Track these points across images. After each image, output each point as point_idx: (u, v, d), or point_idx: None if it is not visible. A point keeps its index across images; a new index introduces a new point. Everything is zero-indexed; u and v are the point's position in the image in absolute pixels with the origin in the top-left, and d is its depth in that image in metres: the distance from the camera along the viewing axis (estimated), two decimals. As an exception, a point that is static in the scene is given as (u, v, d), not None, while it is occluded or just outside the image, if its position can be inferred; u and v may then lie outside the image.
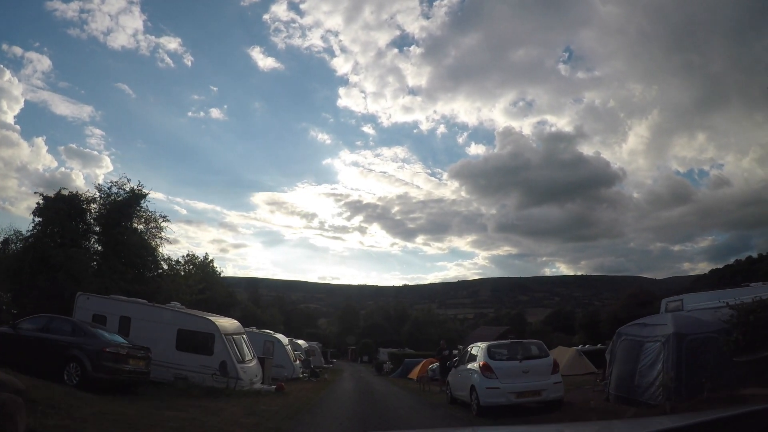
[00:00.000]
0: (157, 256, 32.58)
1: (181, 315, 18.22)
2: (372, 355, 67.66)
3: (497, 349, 13.11)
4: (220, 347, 17.21)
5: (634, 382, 11.68)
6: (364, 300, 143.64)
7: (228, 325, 18.57)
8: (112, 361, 13.67)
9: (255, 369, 18.46)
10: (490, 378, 12.27)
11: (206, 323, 17.68)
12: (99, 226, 30.80)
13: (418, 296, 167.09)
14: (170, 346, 17.65)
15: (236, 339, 18.34)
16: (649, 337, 11.79)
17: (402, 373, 35.64)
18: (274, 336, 28.36)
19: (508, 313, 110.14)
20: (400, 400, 17.17)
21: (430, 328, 77.27)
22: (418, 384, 21.94)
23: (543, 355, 13.12)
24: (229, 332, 18.06)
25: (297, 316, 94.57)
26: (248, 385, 17.14)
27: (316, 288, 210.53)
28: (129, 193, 31.21)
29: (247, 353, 18.69)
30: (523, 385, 12.22)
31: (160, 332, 17.83)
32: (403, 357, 39.11)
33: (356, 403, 15.89)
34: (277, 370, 26.88)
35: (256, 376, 18.24)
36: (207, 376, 16.96)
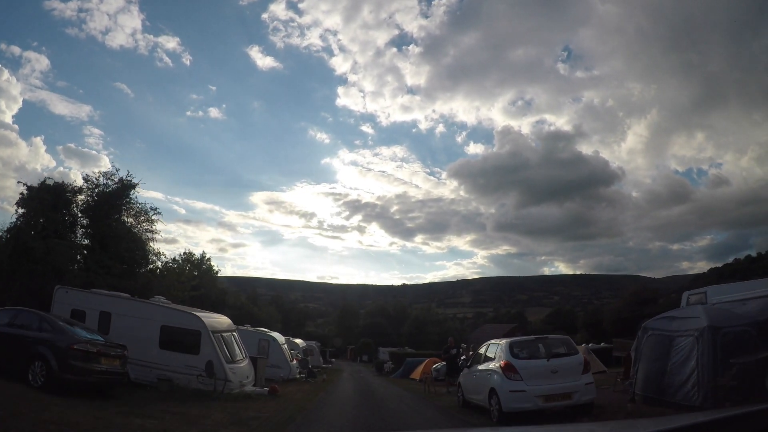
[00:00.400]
0: (148, 251, 30.82)
1: (164, 310, 16.47)
2: (372, 354, 65.93)
3: (520, 347, 11.37)
4: (207, 346, 15.46)
5: (665, 380, 10.54)
6: (363, 299, 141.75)
7: (216, 321, 16.83)
8: (82, 359, 11.98)
9: (246, 370, 16.71)
10: (513, 379, 10.55)
11: (192, 319, 15.94)
12: (86, 218, 29.06)
13: (417, 295, 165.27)
14: (153, 344, 15.96)
15: (226, 337, 16.60)
16: (680, 331, 10.59)
17: (403, 373, 33.89)
18: (269, 334, 26.61)
19: (508, 311, 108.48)
20: (404, 404, 15.42)
21: (430, 327, 75.64)
22: (422, 385, 20.17)
23: (572, 353, 11.40)
24: (218, 329, 16.31)
25: (295, 315, 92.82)
26: (238, 387, 15.40)
27: (315, 287, 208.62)
28: (118, 184, 29.47)
29: (237, 353, 16.96)
30: (552, 386, 10.51)
31: (142, 329, 16.17)
32: (405, 356, 37.36)
33: (357, 408, 14.15)
34: (272, 371, 25.15)
35: (248, 377, 16.50)
36: (193, 378, 15.24)
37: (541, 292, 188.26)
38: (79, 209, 29.09)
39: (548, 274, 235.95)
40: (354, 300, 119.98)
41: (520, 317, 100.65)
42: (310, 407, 13.57)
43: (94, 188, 29.31)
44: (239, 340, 17.85)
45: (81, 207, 29.09)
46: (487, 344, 13.14)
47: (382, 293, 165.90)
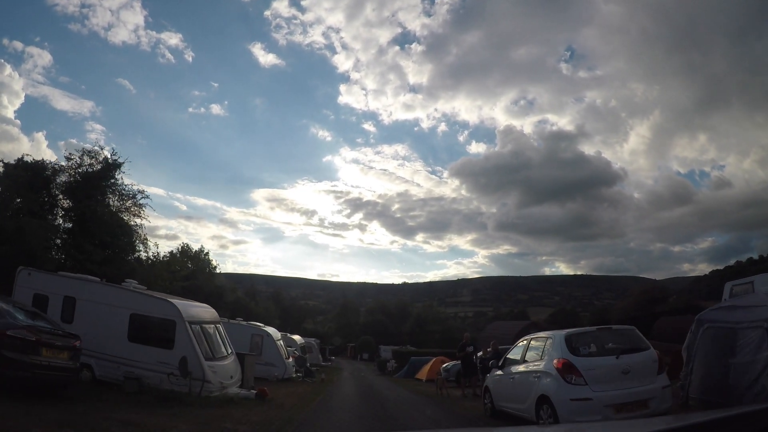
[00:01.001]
0: (134, 237, 28.11)
1: (135, 296, 13.73)
2: (372, 352, 63.20)
3: (581, 340, 8.63)
4: (183, 338, 12.75)
5: (728, 381, 8.60)
6: (363, 297, 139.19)
7: (196, 311, 14.09)
8: (17, 350, 9.32)
9: (230, 368, 13.97)
10: (575, 384, 7.85)
11: (165, 307, 13.21)
12: (67, 200, 26.36)
13: (418, 294, 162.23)
14: (121, 335, 13.30)
15: (207, 329, 13.88)
16: (746, 322, 8.68)
17: (408, 373, 31.17)
18: (263, 329, 23.88)
19: (510, 311, 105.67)
20: (418, 411, 12.67)
21: (432, 326, 72.90)
22: (434, 387, 17.40)
23: (643, 347, 8.70)
24: (197, 320, 13.59)
25: (295, 311, 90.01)
26: (219, 389, 12.68)
27: (316, 285, 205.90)
28: (102, 163, 26.78)
29: (221, 348, 14.25)
30: (624, 392, 7.83)
31: (109, 317, 13.53)
32: (409, 355, 34.60)
33: (361, 418, 11.40)
34: (266, 369, 22.43)
35: (232, 377, 13.76)
36: (165, 376, 12.53)
37: (542, 292, 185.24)
38: (59, 190, 26.43)
39: (549, 275, 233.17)
40: (354, 298, 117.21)
41: (523, 316, 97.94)
42: (303, 416, 10.82)
43: (77, 167, 26.65)
44: (225, 333, 15.13)
45: (62, 187, 26.42)
46: (526, 339, 10.41)
47: (382, 291, 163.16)
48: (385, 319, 75.29)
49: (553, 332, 9.37)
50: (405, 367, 32.45)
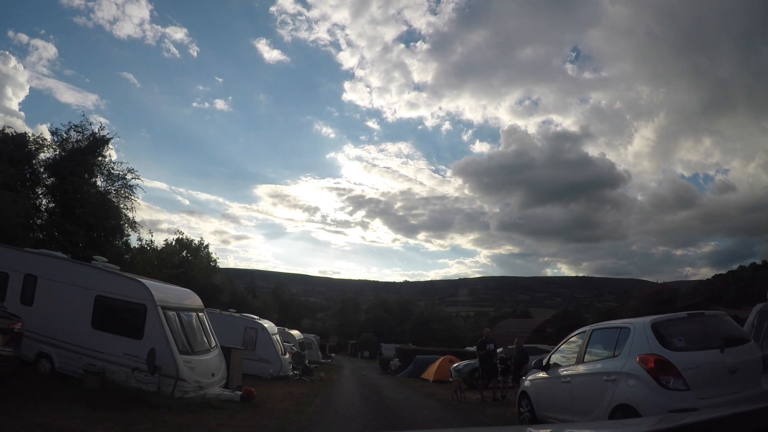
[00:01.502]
0: (122, 220, 25.85)
1: (101, 275, 11.45)
2: (373, 350, 60.83)
3: (674, 330, 6.32)
4: (154, 327, 10.47)
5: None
6: (364, 295, 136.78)
7: (173, 295, 11.80)
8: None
9: (212, 364, 11.67)
10: (673, 389, 5.56)
11: (135, 288, 10.93)
12: (50, 177, 24.13)
13: (419, 293, 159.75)
14: (84, 320, 11.10)
15: (186, 318, 11.59)
16: None
17: (413, 373, 28.82)
18: (257, 322, 21.57)
19: (513, 311, 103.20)
20: (438, 420, 10.33)
21: (435, 324, 70.52)
22: (452, 391, 15.05)
23: (744, 338, 6.46)
24: (174, 306, 11.30)
25: (295, 307, 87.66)
26: (195, 389, 10.39)
27: (317, 282, 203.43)
28: (89, 139, 24.56)
29: (202, 340, 11.96)
30: (734, 397, 5.54)
31: (72, 299, 11.37)
32: (413, 353, 32.21)
33: (370, 429, 9.01)
34: (260, 366, 20.19)
35: (213, 375, 11.44)
36: (131, 371, 10.27)
37: (543, 293, 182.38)
38: (42, 166, 24.19)
39: (550, 276, 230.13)
40: (355, 295, 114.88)
41: (526, 316, 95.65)
42: (296, 427, 8.47)
43: (62, 142, 24.44)
44: (209, 324, 12.81)
45: (45, 163, 24.19)
46: (587, 330, 8.04)
47: (383, 289, 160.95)
48: (387, 316, 72.88)
49: (629, 320, 7.07)
50: (410, 366, 30.11)
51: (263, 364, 20.55)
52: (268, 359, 20.65)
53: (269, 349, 20.78)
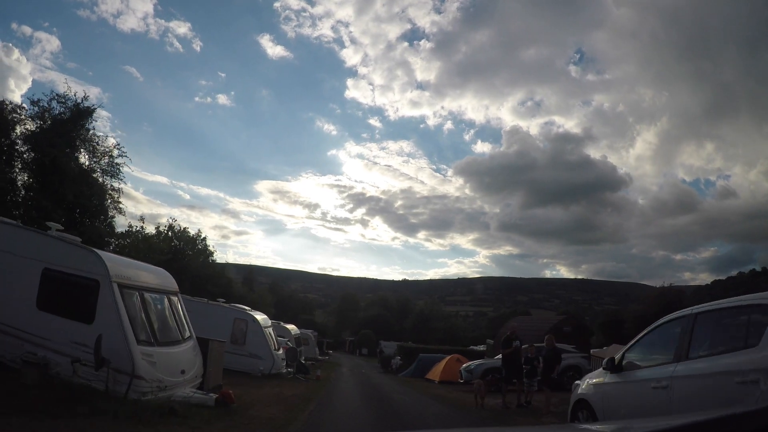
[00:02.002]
0: (106, 199, 23.60)
1: (51, 244, 9.10)
2: (372, 347, 58.57)
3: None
4: (107, 309, 8.15)
5: None
6: (363, 292, 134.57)
7: (136, 272, 9.46)
8: None
9: (183, 358, 9.37)
10: None
11: (87, 259, 8.65)
12: (29, 150, 21.84)
13: (418, 291, 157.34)
14: (29, 299, 8.84)
15: (151, 300, 9.29)
16: None
17: (416, 372, 26.56)
18: (248, 313, 19.26)
19: (514, 311, 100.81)
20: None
21: (436, 323, 68.25)
22: (474, 396, 12.74)
23: None
24: (136, 284, 9.00)
25: (294, 303, 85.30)
26: (156, 389, 8.09)
27: (316, 278, 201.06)
28: (72, 109, 22.30)
29: (173, 329, 9.67)
30: None
31: (16, 273, 9.02)
32: (416, 351, 29.88)
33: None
34: (250, 362, 17.95)
35: (184, 371, 9.14)
36: (76, 363, 8.01)
37: (542, 294, 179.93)
38: (20, 137, 21.89)
39: (549, 277, 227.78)
40: (354, 292, 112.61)
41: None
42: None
43: (43, 113, 22.17)
44: (183, 310, 10.51)
45: (23, 135, 21.89)
46: (687, 314, 5.67)
47: (382, 287, 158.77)
48: (386, 314, 70.55)
49: (754, 296, 4.85)
50: (412, 366, 27.83)
51: (253, 360, 18.29)
52: (259, 355, 18.38)
53: (261, 343, 18.50)
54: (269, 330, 20.01)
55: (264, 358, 18.36)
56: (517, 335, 13.42)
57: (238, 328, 18.80)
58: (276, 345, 19.46)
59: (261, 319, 19.35)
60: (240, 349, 18.49)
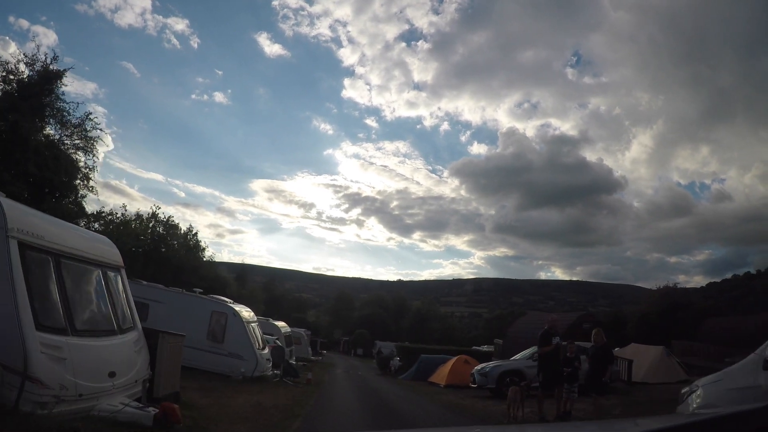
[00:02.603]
0: (77, 177, 20.86)
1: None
2: (368, 347, 55.86)
3: None
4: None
5: None
6: (357, 292, 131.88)
7: (57, 230, 6.63)
8: None
9: (116, 356, 6.58)
10: None
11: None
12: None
13: (412, 292, 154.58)
14: None
15: (72, 270, 6.50)
16: None
17: (418, 375, 23.89)
18: (228, 305, 16.49)
19: (512, 312, 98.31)
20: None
21: (432, 323, 65.74)
22: (508, 406, 10.01)
23: None
24: (54, 247, 6.20)
25: (287, 302, 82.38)
26: (66, 399, 5.30)
27: (310, 278, 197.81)
28: (38, 72, 19.61)
29: (101, 313, 6.88)
30: None
31: None
32: (417, 352, 27.19)
33: None
34: (229, 363, 15.31)
35: (114, 374, 6.34)
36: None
37: (537, 296, 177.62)
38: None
39: (544, 279, 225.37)
40: (349, 292, 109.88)
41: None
42: None
43: (7, 74, 19.45)
44: (125, 291, 7.73)
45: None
46: None
47: (376, 288, 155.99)
48: (383, 313, 67.85)
49: None
50: (413, 367, 25.13)
51: (234, 360, 15.56)
52: (241, 354, 15.64)
53: (242, 341, 15.76)
54: (254, 326, 17.27)
55: (246, 358, 15.62)
56: (557, 330, 10.79)
57: (217, 322, 16.07)
58: (261, 343, 16.72)
59: (244, 314, 16.60)
60: (218, 347, 15.77)
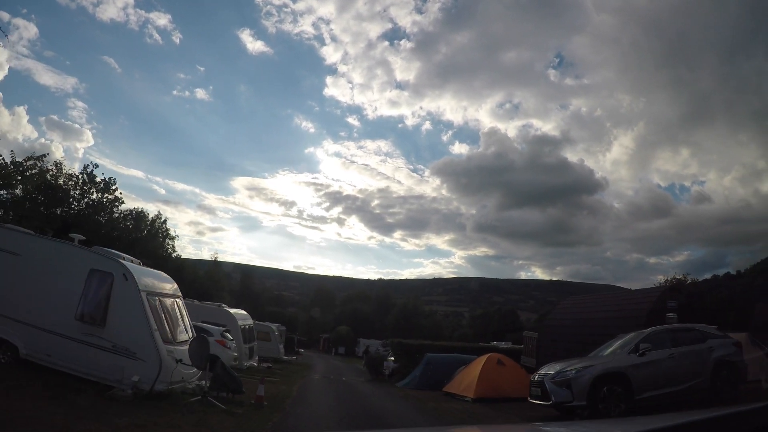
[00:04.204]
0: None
1: None
2: (350, 346, 48.40)
3: None
4: None
5: None
6: (338, 291, 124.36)
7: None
8: None
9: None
10: None
11: None
12: None
13: (393, 291, 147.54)
14: None
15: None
16: None
17: (426, 381, 16.69)
18: (119, 262, 8.85)
19: (498, 309, 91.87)
20: None
21: (419, 320, 58.53)
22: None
23: None
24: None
25: (267, 300, 74.15)
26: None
27: (291, 276, 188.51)
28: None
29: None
30: None
31: None
32: (420, 350, 19.75)
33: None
34: (111, 364, 7.61)
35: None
36: None
37: (517, 295, 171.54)
38: None
39: (524, 278, 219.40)
40: (330, 291, 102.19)
41: (513, 315, 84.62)
42: None
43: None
44: None
45: None
46: None
47: (357, 286, 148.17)
48: (366, 308, 60.28)
49: None
50: (417, 371, 17.79)
51: (119, 359, 8.08)
52: (133, 350, 8.13)
53: (137, 325, 8.25)
54: (175, 304, 9.77)
55: (142, 356, 8.12)
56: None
57: (96, 290, 8.56)
58: (172, 334, 9.12)
59: (148, 280, 9.06)
60: (94, 333, 8.30)
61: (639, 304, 14.58)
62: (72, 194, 23.21)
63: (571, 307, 18.20)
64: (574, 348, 15.04)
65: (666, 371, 9.62)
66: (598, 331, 15.23)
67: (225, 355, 14.45)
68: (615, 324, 14.49)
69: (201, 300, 21.13)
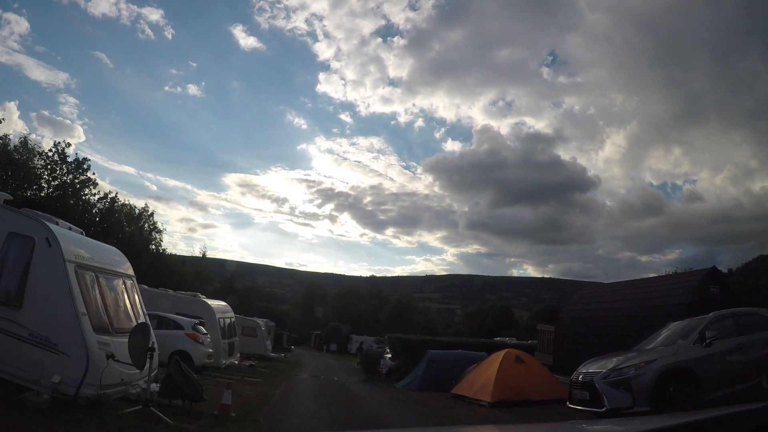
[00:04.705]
0: None
1: None
2: (342, 342, 46.19)
3: None
4: None
5: None
6: (330, 288, 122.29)
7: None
8: None
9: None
10: None
11: None
12: None
13: (385, 288, 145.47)
14: None
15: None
16: None
17: (429, 382, 14.60)
18: (43, 224, 6.63)
19: (493, 305, 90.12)
20: None
21: (414, 315, 56.54)
22: None
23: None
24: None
25: (257, 294, 71.72)
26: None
27: (283, 273, 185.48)
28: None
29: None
30: None
31: None
32: (421, 346, 17.68)
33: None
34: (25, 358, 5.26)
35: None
36: None
37: (510, 293, 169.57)
38: None
39: (517, 276, 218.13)
40: (322, 288, 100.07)
41: (507, 312, 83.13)
42: None
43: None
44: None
45: None
46: None
47: (349, 283, 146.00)
48: (359, 304, 58.06)
49: None
50: (419, 369, 15.67)
51: (36, 351, 5.87)
52: (54, 340, 5.94)
53: (60, 307, 6.06)
54: (120, 286, 7.58)
55: (64, 349, 5.92)
56: None
57: (14, 260, 6.36)
58: (110, 322, 6.89)
59: (77, 249, 6.84)
60: (6, 317, 6.10)
61: (678, 290, 12.56)
62: (41, 174, 20.89)
63: (590, 297, 16.22)
64: (601, 342, 13.06)
65: (735, 365, 7.72)
66: (627, 322, 13.27)
67: (197, 351, 12.27)
68: (648, 313, 12.50)
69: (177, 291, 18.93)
